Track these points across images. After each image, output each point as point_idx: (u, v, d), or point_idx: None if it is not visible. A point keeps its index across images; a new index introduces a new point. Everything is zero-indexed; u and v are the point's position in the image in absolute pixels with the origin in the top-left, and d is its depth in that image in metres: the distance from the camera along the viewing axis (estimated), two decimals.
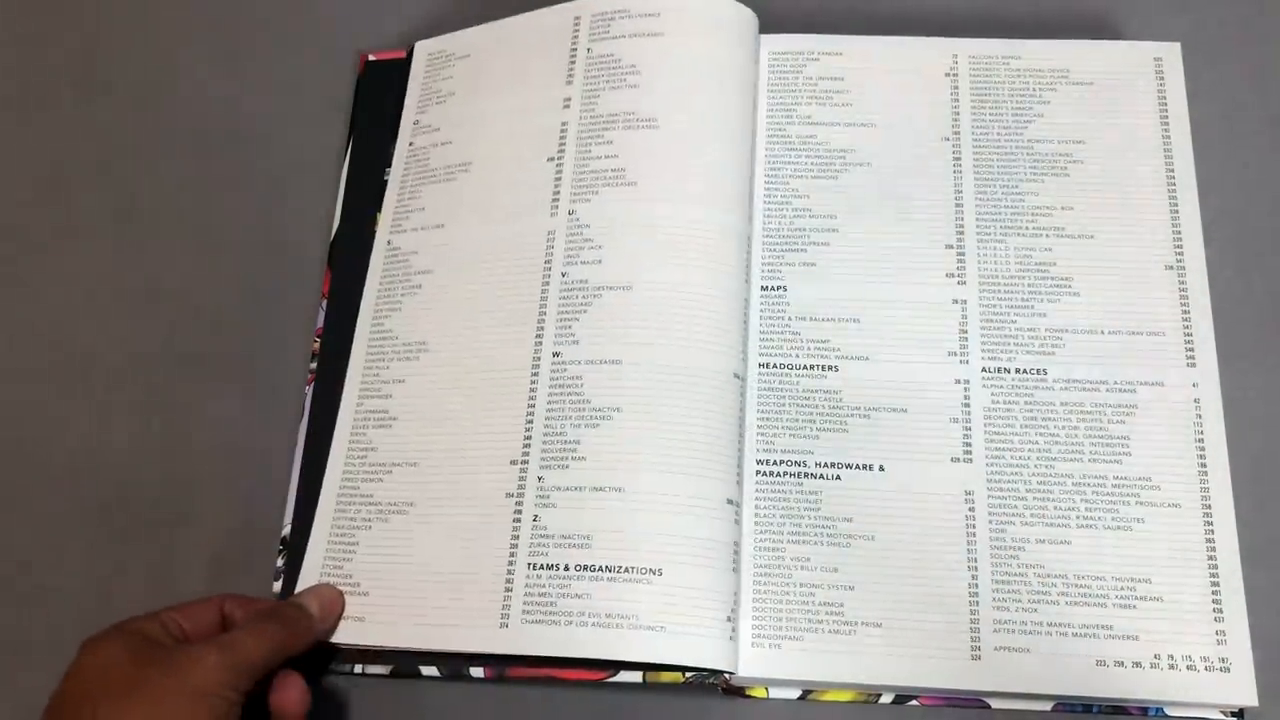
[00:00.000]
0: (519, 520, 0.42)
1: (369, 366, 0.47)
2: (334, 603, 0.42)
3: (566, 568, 0.41)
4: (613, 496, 0.41)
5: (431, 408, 0.45)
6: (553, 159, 0.48)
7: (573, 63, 0.49)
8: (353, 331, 0.48)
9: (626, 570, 0.40)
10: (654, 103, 0.47)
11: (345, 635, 0.42)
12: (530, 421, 0.43)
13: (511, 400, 0.44)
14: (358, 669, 0.42)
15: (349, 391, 0.46)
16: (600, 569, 0.40)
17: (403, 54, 0.53)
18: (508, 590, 0.41)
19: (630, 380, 0.43)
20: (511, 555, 0.42)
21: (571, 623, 0.40)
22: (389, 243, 0.49)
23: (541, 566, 0.41)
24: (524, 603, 0.41)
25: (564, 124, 0.48)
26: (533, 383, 0.44)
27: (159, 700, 0.34)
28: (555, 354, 0.44)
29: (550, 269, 0.46)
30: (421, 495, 0.44)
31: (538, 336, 0.45)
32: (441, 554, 0.42)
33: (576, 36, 0.50)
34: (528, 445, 0.43)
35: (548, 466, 0.42)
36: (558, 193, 0.47)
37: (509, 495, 0.42)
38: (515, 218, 0.47)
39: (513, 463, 0.43)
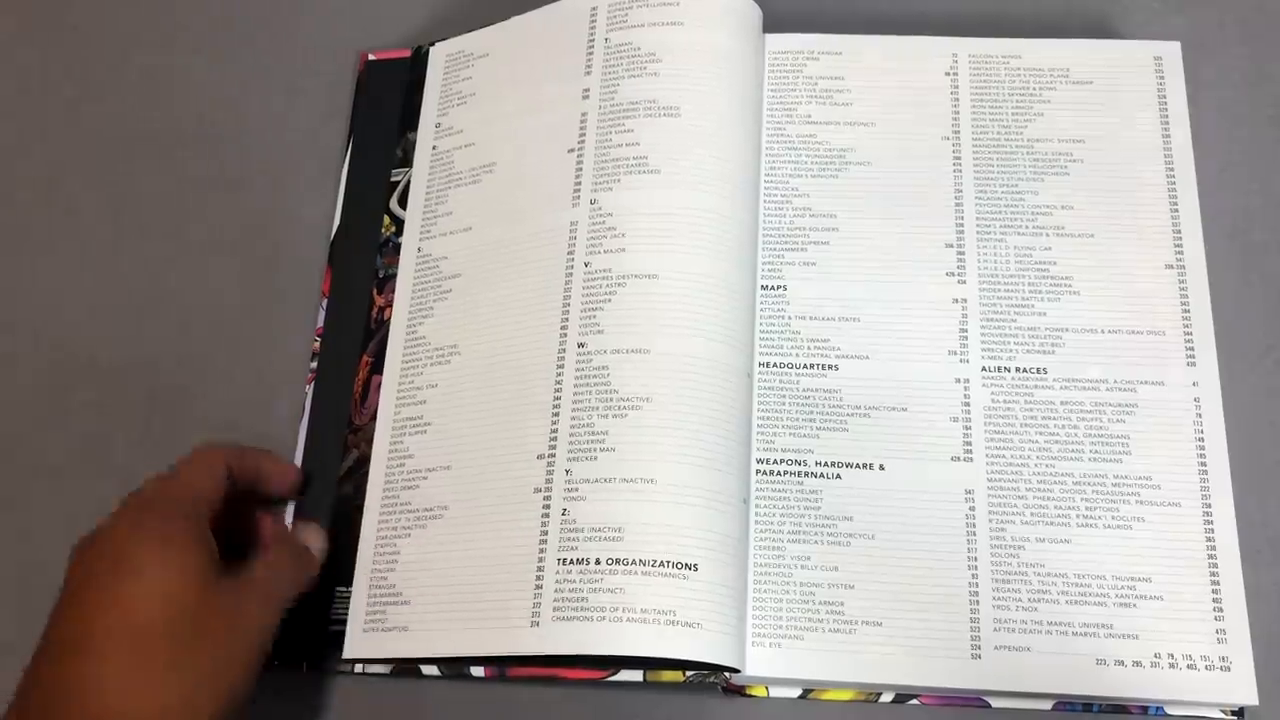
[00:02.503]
0: (547, 515, 0.41)
1: (404, 374, 0.46)
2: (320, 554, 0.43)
3: (598, 561, 0.39)
4: (644, 488, 0.40)
5: (463, 409, 0.45)
6: (573, 150, 0.47)
7: (591, 53, 0.49)
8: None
9: (662, 565, 0.39)
10: (676, 91, 0.46)
11: (391, 648, 0.41)
12: (556, 414, 0.43)
13: (537, 394, 0.43)
14: (358, 668, 0.42)
15: (385, 401, 0.46)
16: (634, 562, 0.39)
17: (404, 53, 0.53)
18: (538, 588, 0.40)
19: (660, 369, 0.42)
20: (541, 551, 0.40)
21: (605, 619, 0.38)
22: (419, 249, 0.48)
23: (572, 561, 0.40)
24: (555, 600, 0.39)
25: (583, 114, 0.48)
26: (558, 375, 0.43)
27: (227, 655, 0.35)
28: (580, 344, 0.43)
29: (573, 260, 0.45)
30: (454, 498, 0.43)
31: (563, 328, 0.44)
32: (475, 555, 0.42)
33: (594, 26, 0.49)
34: (554, 438, 0.42)
35: (575, 459, 0.41)
36: (579, 183, 0.46)
37: (537, 490, 0.42)
38: (539, 213, 0.47)
39: (540, 457, 0.42)
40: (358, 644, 0.42)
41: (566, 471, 0.41)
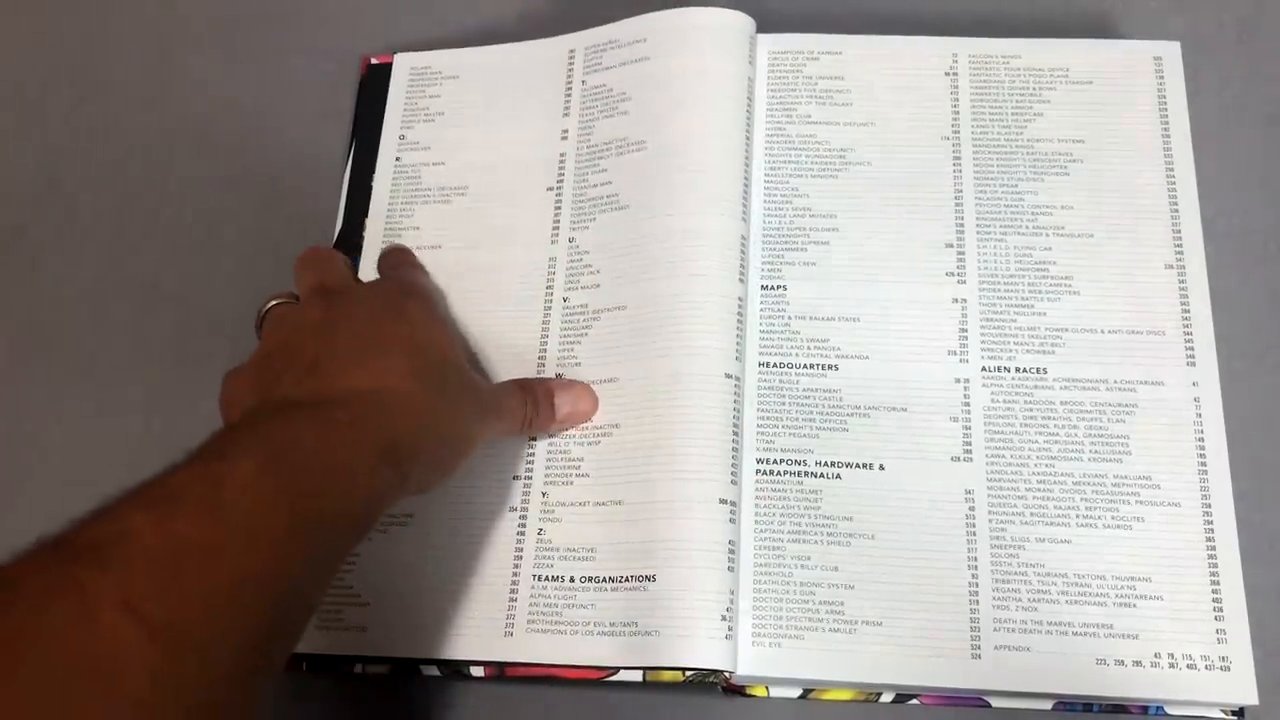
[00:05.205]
0: (523, 533, 0.43)
1: None
2: (580, 416, 0.44)
3: (572, 579, 0.41)
4: (614, 510, 0.42)
5: None
6: (552, 189, 0.49)
7: (568, 95, 0.50)
8: None
9: (626, 580, 0.41)
10: (641, 126, 0.48)
11: (347, 646, 0.42)
12: (534, 439, 0.44)
13: None
14: (358, 669, 0.42)
15: None
16: (604, 580, 0.41)
17: None
18: (512, 600, 0.42)
19: (627, 396, 0.43)
20: (516, 567, 0.42)
21: (577, 632, 0.41)
22: None
23: (547, 578, 0.42)
24: (529, 613, 0.41)
25: (562, 155, 0.49)
26: None
27: (461, 446, 0.38)
28: (558, 374, 0.45)
29: (552, 294, 0.47)
30: (421, 508, 0.44)
31: (540, 358, 0.46)
32: (444, 565, 0.43)
33: (571, 69, 0.50)
34: (530, 462, 0.44)
35: (552, 483, 0.43)
36: (558, 221, 0.48)
37: (513, 509, 0.43)
38: (518, 244, 0.48)
39: (515, 478, 0.44)
40: (308, 639, 0.42)
41: (543, 494, 0.43)
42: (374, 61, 0.53)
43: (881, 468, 0.43)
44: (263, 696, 0.29)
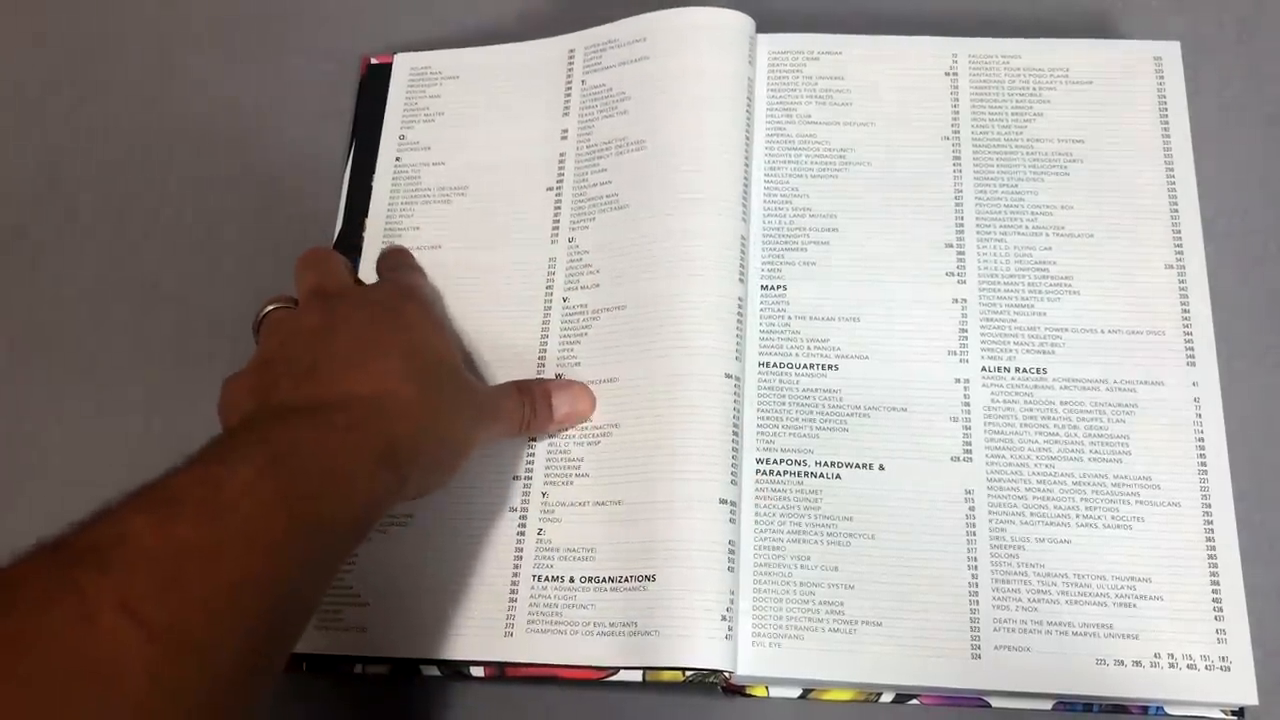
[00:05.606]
0: (523, 533, 0.43)
1: None
2: (578, 416, 0.44)
3: (571, 579, 0.42)
4: (614, 510, 0.42)
5: None
6: (552, 189, 0.49)
7: (568, 95, 0.50)
8: None
9: (626, 580, 0.41)
10: (641, 126, 0.48)
11: (347, 646, 0.42)
12: (533, 440, 0.44)
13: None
14: (358, 669, 0.42)
15: None
16: (604, 580, 0.41)
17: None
18: (512, 600, 0.42)
19: (626, 396, 0.43)
20: (516, 567, 0.42)
21: (577, 632, 0.41)
22: None
23: (546, 578, 0.42)
24: (529, 613, 0.41)
25: (562, 155, 0.49)
26: None
27: (460, 448, 0.39)
28: (558, 375, 0.45)
29: (552, 295, 0.47)
30: (421, 508, 0.44)
31: (540, 358, 0.46)
32: (444, 565, 0.43)
33: (571, 69, 0.51)
34: (530, 462, 0.44)
35: (552, 483, 0.43)
36: (558, 221, 0.48)
37: (513, 509, 0.43)
38: (517, 245, 0.48)
39: (515, 478, 0.44)
40: (308, 639, 0.42)
41: (543, 494, 0.43)
42: (374, 61, 0.53)
43: (881, 468, 0.43)
44: (262, 698, 0.29)
